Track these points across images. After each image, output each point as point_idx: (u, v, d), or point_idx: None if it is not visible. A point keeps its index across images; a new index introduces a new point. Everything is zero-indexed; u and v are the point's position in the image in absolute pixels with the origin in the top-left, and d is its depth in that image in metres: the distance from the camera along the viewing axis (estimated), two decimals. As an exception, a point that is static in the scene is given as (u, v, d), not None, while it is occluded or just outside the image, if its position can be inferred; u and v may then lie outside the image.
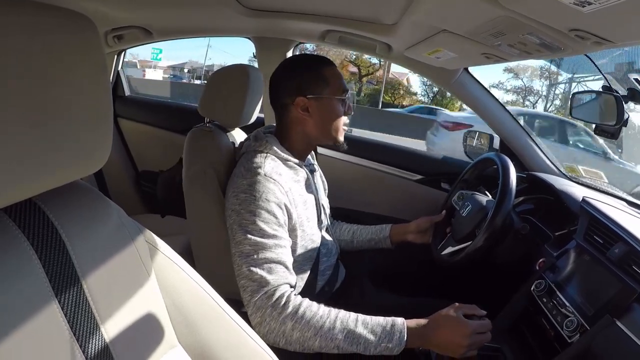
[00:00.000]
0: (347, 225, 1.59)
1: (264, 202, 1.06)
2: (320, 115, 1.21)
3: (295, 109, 1.20)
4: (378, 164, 2.05)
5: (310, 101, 1.19)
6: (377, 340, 0.96)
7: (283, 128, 1.25)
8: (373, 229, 1.54)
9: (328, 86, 1.20)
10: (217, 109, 1.37)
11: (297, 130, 1.23)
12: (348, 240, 1.55)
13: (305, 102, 1.19)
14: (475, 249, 1.24)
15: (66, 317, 0.52)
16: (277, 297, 0.99)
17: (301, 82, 1.19)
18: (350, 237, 1.56)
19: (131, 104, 2.52)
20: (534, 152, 1.77)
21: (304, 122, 1.21)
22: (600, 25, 0.76)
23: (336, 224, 1.61)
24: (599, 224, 1.12)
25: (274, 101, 1.25)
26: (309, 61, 1.25)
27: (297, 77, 1.20)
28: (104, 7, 1.71)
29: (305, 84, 1.19)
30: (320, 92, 1.20)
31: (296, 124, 1.22)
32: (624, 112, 1.19)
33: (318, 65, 1.22)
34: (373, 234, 1.53)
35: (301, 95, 1.19)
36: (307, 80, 1.20)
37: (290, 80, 1.21)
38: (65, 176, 0.51)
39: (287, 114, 1.22)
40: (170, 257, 0.70)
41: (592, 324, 0.93)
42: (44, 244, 0.52)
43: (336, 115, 1.23)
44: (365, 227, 1.56)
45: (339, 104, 1.23)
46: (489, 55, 1.22)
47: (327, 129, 1.24)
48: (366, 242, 1.54)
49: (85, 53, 0.49)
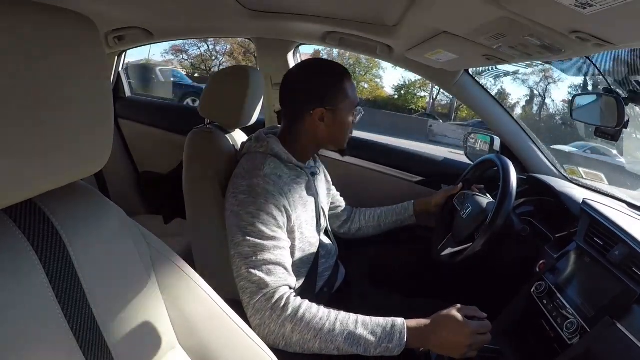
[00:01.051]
0: (370, 211, 1.65)
1: (263, 204, 1.06)
2: (334, 126, 1.20)
3: (312, 117, 1.18)
4: (378, 165, 2.05)
5: (327, 112, 1.18)
6: (377, 341, 0.96)
7: (292, 132, 1.23)
8: (397, 209, 1.62)
9: (346, 99, 1.19)
10: (217, 110, 1.37)
11: (308, 137, 1.22)
12: (375, 225, 1.63)
13: (323, 112, 1.17)
14: (475, 251, 1.24)
15: (66, 318, 0.52)
16: (276, 299, 0.98)
17: (322, 92, 1.17)
18: (377, 222, 1.62)
19: (132, 105, 2.52)
20: (534, 154, 1.76)
21: (317, 130, 1.20)
22: (601, 27, 0.76)
23: (357, 212, 1.65)
24: (599, 226, 1.12)
25: (286, 103, 1.22)
26: (330, 70, 1.22)
27: (319, 86, 1.18)
28: (104, 8, 1.71)
29: (325, 94, 1.17)
30: (338, 105, 1.19)
31: (308, 131, 1.20)
32: (624, 114, 1.19)
33: (339, 75, 1.20)
34: (398, 214, 1.61)
35: (321, 105, 1.17)
36: (328, 91, 1.18)
37: (310, 88, 1.18)
38: (66, 177, 0.51)
39: (300, 120, 1.20)
40: (170, 258, 0.70)
41: (593, 326, 0.93)
42: (45, 245, 0.52)
43: (347, 126, 1.24)
44: (389, 210, 1.63)
45: (351, 115, 1.23)
46: (489, 57, 1.22)
47: (337, 137, 1.24)
48: (392, 223, 1.62)
49: (86, 54, 0.49)
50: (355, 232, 1.63)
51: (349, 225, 1.63)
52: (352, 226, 1.63)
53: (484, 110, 1.81)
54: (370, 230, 1.63)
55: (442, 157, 2.05)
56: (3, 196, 0.44)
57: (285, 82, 1.22)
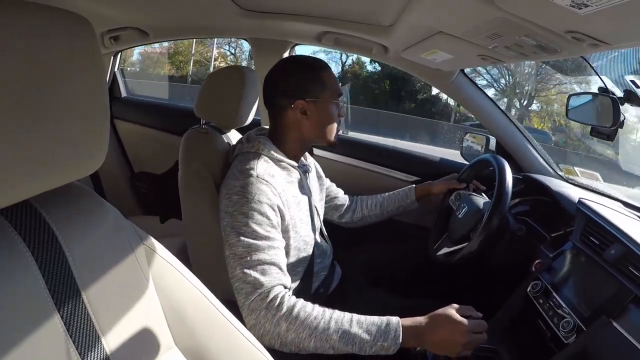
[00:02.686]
0: (371, 199, 1.65)
1: (256, 204, 1.06)
2: (318, 118, 1.22)
3: (294, 111, 1.20)
4: (374, 165, 2.05)
5: (308, 104, 1.19)
6: (372, 339, 0.96)
7: (278, 130, 1.24)
8: (399, 196, 1.63)
9: (326, 89, 1.21)
10: (213, 110, 1.37)
11: (294, 132, 1.23)
12: (378, 213, 1.63)
13: (304, 105, 1.19)
14: (471, 251, 1.24)
15: (62, 319, 0.52)
16: (270, 299, 0.98)
17: (300, 85, 1.20)
18: (380, 209, 1.63)
19: (128, 106, 2.51)
20: (530, 154, 1.77)
21: (301, 124, 1.21)
22: (597, 27, 0.76)
23: (358, 200, 1.66)
24: (595, 225, 1.12)
25: (269, 102, 1.24)
26: (307, 63, 1.24)
27: (296, 80, 1.20)
28: (100, 7, 1.71)
29: (304, 87, 1.20)
30: (318, 96, 1.20)
31: (292, 126, 1.22)
32: (619, 113, 1.19)
33: (317, 68, 1.22)
34: (400, 201, 1.62)
35: (300, 98, 1.19)
36: (307, 83, 1.20)
37: (289, 83, 1.20)
38: (61, 178, 0.50)
39: (283, 116, 1.22)
40: (166, 258, 0.70)
41: (588, 325, 0.94)
42: (41, 246, 0.51)
43: (332, 118, 1.25)
44: (390, 196, 1.64)
45: (335, 107, 1.25)
46: (485, 57, 1.22)
47: (323, 131, 1.25)
48: (394, 210, 1.62)
49: (82, 54, 0.49)
50: (357, 220, 1.64)
51: (351, 215, 1.63)
52: (354, 215, 1.63)
53: (479, 110, 1.82)
54: (373, 219, 1.63)
55: (438, 157, 2.05)
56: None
57: (266, 81, 1.24)
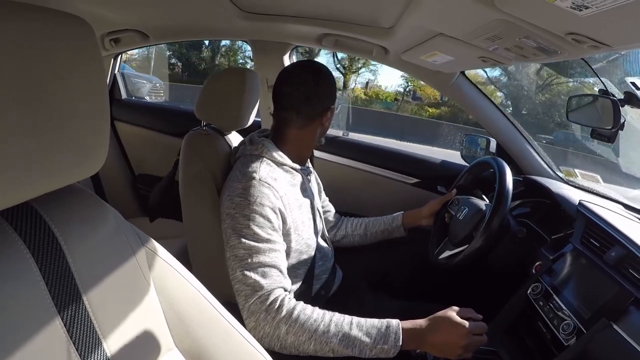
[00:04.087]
0: (358, 220, 1.61)
1: (258, 207, 1.06)
2: (328, 123, 1.27)
3: (325, 118, 1.23)
4: (374, 167, 2.05)
5: (331, 111, 1.24)
6: (373, 342, 0.96)
7: (287, 134, 1.23)
8: (385, 219, 1.57)
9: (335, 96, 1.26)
10: (213, 112, 1.37)
11: (305, 137, 1.24)
12: (362, 233, 1.58)
13: (329, 111, 1.24)
14: (472, 252, 1.24)
15: (62, 320, 0.52)
16: (270, 301, 0.98)
17: (330, 92, 1.23)
18: (364, 230, 1.58)
19: (128, 107, 2.51)
20: (530, 156, 1.77)
21: (317, 129, 1.24)
22: (597, 29, 0.76)
23: (345, 219, 1.63)
24: (595, 228, 1.12)
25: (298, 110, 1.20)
26: (326, 69, 1.24)
27: (327, 87, 1.22)
28: (100, 10, 1.71)
29: (333, 94, 1.24)
30: (334, 102, 1.25)
31: (312, 131, 1.24)
32: (620, 115, 1.19)
33: (331, 74, 1.25)
34: (386, 224, 1.56)
35: (331, 104, 1.23)
36: (333, 90, 1.24)
37: (322, 91, 1.21)
38: (62, 179, 0.50)
39: (314, 123, 1.23)
40: (167, 260, 0.70)
41: (589, 327, 0.94)
42: (42, 249, 0.51)
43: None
44: (377, 219, 1.59)
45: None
46: (485, 59, 1.22)
47: (324, 134, 1.30)
48: (380, 233, 1.57)
49: (82, 56, 0.49)
50: (340, 239, 1.60)
51: (335, 232, 1.61)
52: (337, 233, 1.61)
53: (479, 112, 1.82)
54: (356, 239, 1.59)
55: (438, 159, 2.05)
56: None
57: (292, 86, 1.19)
